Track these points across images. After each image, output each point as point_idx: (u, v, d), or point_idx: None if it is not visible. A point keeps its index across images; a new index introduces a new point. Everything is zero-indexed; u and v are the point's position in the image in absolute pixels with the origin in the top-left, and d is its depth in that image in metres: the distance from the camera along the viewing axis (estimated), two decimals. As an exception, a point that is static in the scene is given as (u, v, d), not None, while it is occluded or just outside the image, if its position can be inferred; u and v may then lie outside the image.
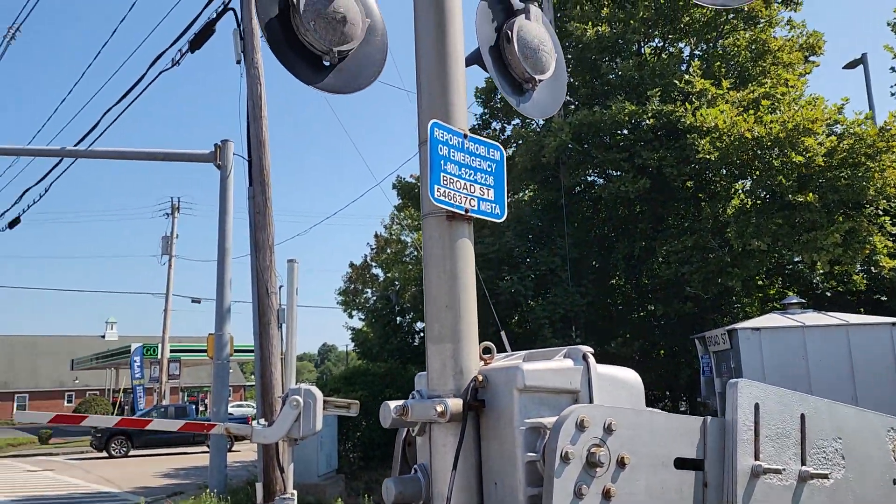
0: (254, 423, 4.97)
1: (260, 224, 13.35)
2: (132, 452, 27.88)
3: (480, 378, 2.31)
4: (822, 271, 16.44)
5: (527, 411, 2.23)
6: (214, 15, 14.33)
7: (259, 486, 11.94)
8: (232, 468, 18.26)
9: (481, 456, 2.33)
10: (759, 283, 17.45)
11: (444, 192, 2.42)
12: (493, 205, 2.61)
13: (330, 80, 2.93)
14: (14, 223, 19.32)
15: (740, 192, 16.44)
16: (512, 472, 2.20)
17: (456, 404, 2.26)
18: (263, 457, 12.52)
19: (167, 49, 14.52)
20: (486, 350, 2.47)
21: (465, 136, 2.57)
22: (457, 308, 2.41)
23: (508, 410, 2.24)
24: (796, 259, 16.30)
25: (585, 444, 2.06)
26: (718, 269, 15.38)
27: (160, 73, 14.80)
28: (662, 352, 18.06)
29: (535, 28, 3.23)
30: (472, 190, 2.53)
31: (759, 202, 15.54)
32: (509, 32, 3.13)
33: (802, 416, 2.46)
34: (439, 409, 2.24)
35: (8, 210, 19.63)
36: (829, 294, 16.58)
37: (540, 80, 3.23)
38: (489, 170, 2.62)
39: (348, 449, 17.27)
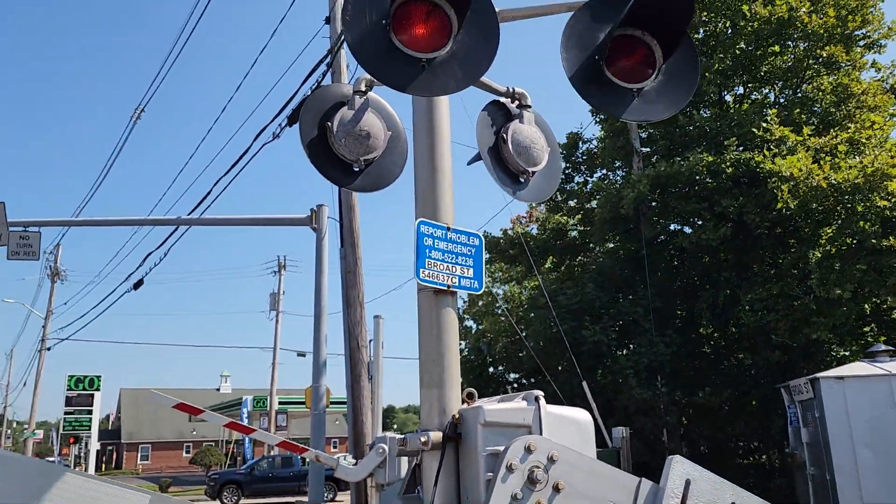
0: (341, 458, 5.76)
1: (351, 282, 14.41)
2: (242, 501, 29.38)
3: (457, 416, 2.98)
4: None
5: (488, 441, 2.87)
6: (310, 91, 15.80)
7: (351, 530, 12.73)
8: (331, 516, 19.13)
9: (459, 477, 2.97)
10: (860, 330, 16.95)
11: (429, 273, 3.14)
12: (473, 280, 3.32)
13: (358, 183, 3.74)
14: (138, 285, 21.20)
15: (824, 238, 16.25)
16: (476, 488, 2.83)
17: (437, 436, 2.95)
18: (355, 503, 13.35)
19: (268, 124, 16.05)
20: (469, 395, 3.13)
21: (449, 228, 3.29)
22: (441, 362, 3.11)
23: (475, 441, 2.90)
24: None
25: (529, 463, 2.68)
26: (803, 317, 15.18)
27: (263, 145, 16.32)
28: (754, 402, 17.74)
29: (528, 129, 3.93)
30: (454, 270, 3.25)
31: (843, 248, 15.33)
32: (504, 135, 3.85)
33: None
34: (423, 439, 2.93)
35: (133, 273, 21.47)
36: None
37: (534, 172, 3.92)
38: (469, 253, 3.33)
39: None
